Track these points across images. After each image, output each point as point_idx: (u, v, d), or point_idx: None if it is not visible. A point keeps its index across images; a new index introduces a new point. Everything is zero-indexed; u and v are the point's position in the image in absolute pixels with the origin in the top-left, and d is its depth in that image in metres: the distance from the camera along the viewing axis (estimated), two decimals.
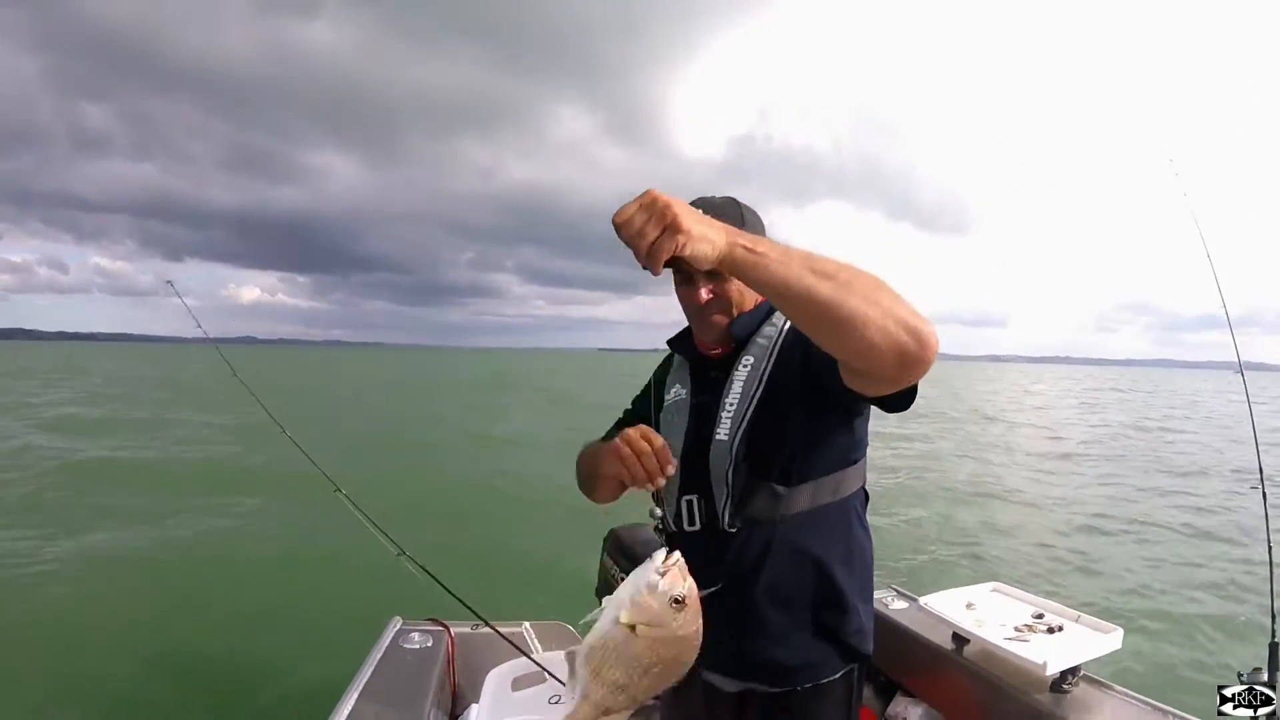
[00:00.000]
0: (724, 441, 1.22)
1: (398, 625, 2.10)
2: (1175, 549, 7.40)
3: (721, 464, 1.22)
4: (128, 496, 8.17)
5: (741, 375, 1.25)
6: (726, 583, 1.21)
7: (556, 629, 2.19)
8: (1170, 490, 10.56)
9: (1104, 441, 16.89)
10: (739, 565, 1.22)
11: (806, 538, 1.22)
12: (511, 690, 1.86)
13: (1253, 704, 1.35)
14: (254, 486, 8.69)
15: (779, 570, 1.21)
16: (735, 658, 1.25)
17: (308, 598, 5.01)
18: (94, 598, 4.93)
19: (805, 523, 1.22)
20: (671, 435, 1.29)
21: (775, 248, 0.87)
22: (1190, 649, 4.65)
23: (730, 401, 1.24)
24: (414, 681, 1.81)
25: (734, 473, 1.21)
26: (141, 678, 3.75)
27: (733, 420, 1.23)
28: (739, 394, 1.24)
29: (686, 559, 1.25)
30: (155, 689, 3.64)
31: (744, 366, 1.26)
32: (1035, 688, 1.76)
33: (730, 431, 1.22)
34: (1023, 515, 8.82)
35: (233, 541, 6.58)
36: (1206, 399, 38.06)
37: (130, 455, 11.25)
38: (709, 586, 1.22)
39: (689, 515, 1.27)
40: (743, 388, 1.24)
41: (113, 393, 23.84)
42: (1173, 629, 4.99)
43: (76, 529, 6.69)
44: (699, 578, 1.23)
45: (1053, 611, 2.00)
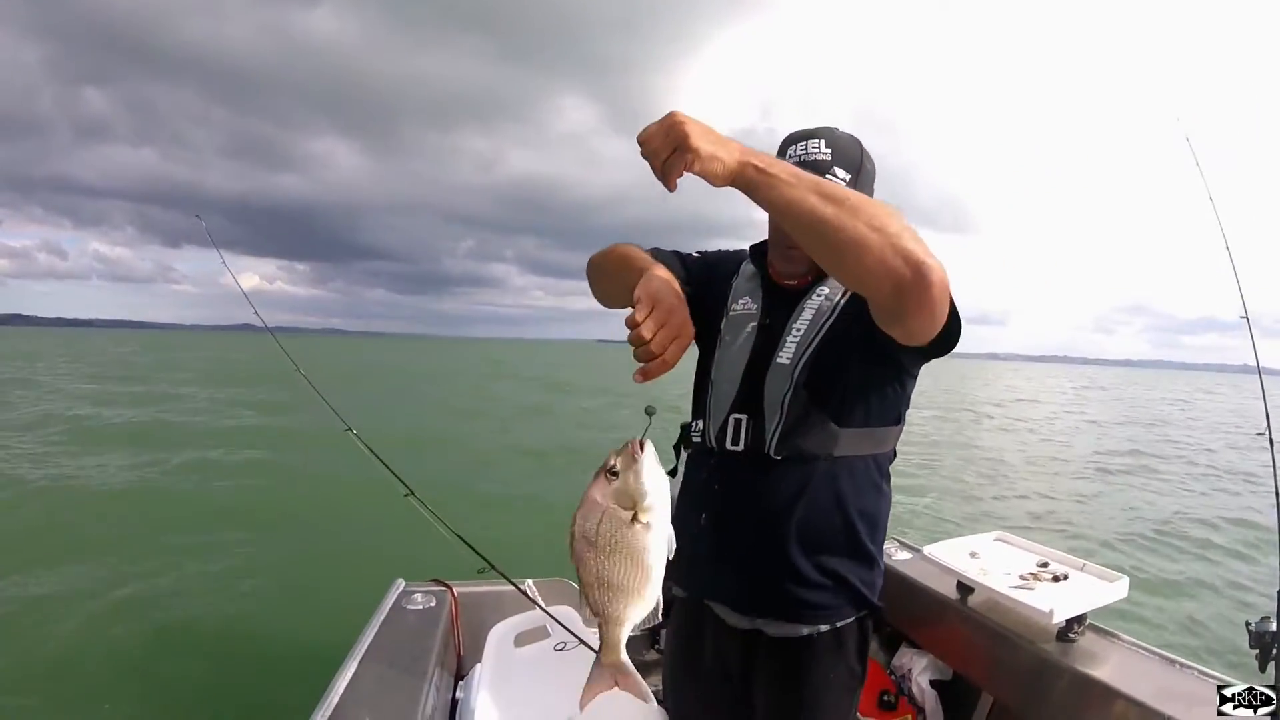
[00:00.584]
0: (785, 365, 1.21)
1: (401, 587, 2.09)
2: (1182, 500, 7.49)
3: (780, 388, 1.20)
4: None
5: (814, 303, 1.24)
6: (758, 512, 1.21)
7: (559, 585, 2.19)
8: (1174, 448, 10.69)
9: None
10: (774, 496, 1.20)
11: (844, 482, 1.21)
12: (515, 646, 1.86)
13: (1263, 659, 1.34)
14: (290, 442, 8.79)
15: (813, 509, 1.19)
16: (751, 592, 1.24)
17: (314, 557, 5.08)
18: (89, 555, 4.99)
19: (846, 467, 1.21)
20: (734, 349, 1.28)
21: (787, 169, 0.88)
22: (1197, 601, 4.69)
23: (798, 327, 1.22)
24: (418, 642, 1.80)
25: (791, 399, 1.19)
26: (141, 641, 3.81)
27: (798, 346, 1.21)
28: (808, 320, 1.22)
29: (714, 486, 1.22)
30: (157, 654, 3.69)
31: (818, 295, 1.24)
32: (1041, 636, 1.75)
33: (793, 357, 1.21)
34: (1025, 472, 8.93)
35: (244, 497, 6.66)
36: (1199, 399, 38.60)
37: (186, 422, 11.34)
38: (739, 511, 1.22)
39: (734, 433, 1.23)
40: (813, 316, 1.23)
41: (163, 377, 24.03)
42: (1179, 579, 5.04)
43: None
44: (731, 502, 1.22)
45: (1057, 560, 1.99)
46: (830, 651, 1.23)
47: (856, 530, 1.22)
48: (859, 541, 1.23)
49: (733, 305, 1.33)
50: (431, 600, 2.03)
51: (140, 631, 3.90)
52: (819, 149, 1.18)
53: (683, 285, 1.27)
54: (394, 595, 2.04)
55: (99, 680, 3.41)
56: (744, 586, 1.23)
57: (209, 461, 8.26)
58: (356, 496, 5.73)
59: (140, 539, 5.44)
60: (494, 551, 1.93)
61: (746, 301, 1.32)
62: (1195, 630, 4.17)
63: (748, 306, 1.31)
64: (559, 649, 1.86)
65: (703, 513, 1.26)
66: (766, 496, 1.20)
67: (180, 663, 3.58)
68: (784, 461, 1.19)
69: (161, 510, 6.26)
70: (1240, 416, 22.88)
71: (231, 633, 3.89)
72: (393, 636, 1.82)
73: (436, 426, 12.18)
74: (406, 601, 2.01)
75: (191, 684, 3.39)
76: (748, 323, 1.29)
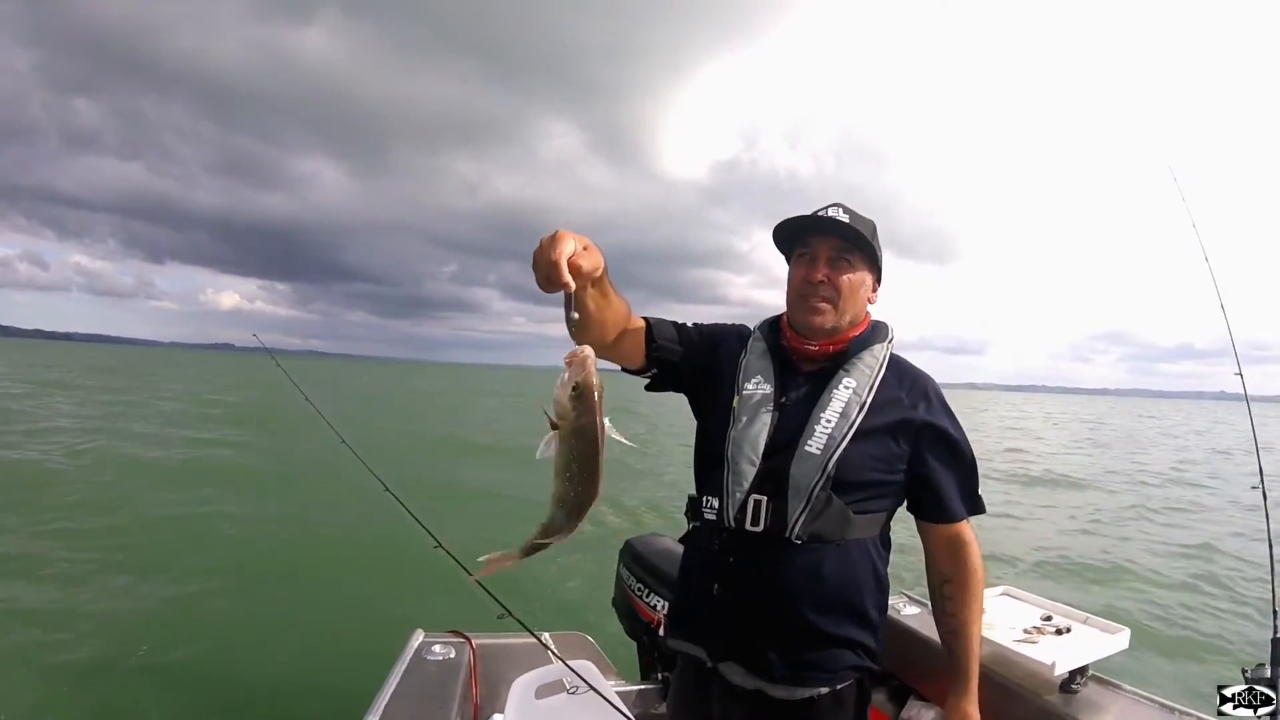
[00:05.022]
0: (815, 455, 1.25)
1: (420, 638, 2.14)
2: (1178, 548, 7.42)
3: (808, 476, 1.24)
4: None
5: (843, 395, 1.28)
6: (773, 590, 1.26)
7: (577, 639, 2.23)
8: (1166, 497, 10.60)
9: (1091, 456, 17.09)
10: (790, 576, 1.25)
11: (854, 560, 1.28)
12: (535, 698, 1.91)
13: (1253, 703, 1.39)
14: (310, 490, 8.79)
15: (824, 585, 1.26)
16: (758, 657, 1.29)
17: (335, 604, 5.05)
18: (100, 598, 4.95)
19: (857, 546, 1.28)
20: (752, 430, 1.31)
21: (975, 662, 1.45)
22: (1196, 649, 4.66)
23: (827, 417, 1.27)
24: (438, 693, 1.85)
25: (819, 489, 1.24)
26: (154, 692, 3.76)
27: (830, 439, 1.25)
28: (839, 413, 1.27)
29: (728, 559, 1.31)
30: (173, 707, 3.65)
31: (845, 386, 1.29)
32: (1045, 689, 1.79)
33: (824, 448, 1.25)
34: (1026, 522, 8.83)
35: (268, 542, 6.64)
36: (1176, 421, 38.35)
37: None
38: (757, 592, 1.28)
39: (754, 514, 1.27)
40: (844, 408, 1.27)
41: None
42: (1179, 630, 5.00)
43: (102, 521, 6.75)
44: (746, 577, 1.29)
45: (1060, 613, 2.04)
46: (830, 712, 1.30)
47: (862, 601, 1.30)
48: (863, 610, 1.31)
49: (745, 384, 1.36)
50: (450, 651, 2.08)
51: (153, 682, 3.85)
52: (838, 213, 1.30)
53: (678, 355, 1.37)
54: (414, 645, 2.09)
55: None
56: (753, 652, 1.29)
57: (213, 502, 8.18)
58: (377, 545, 5.77)
59: (149, 584, 5.41)
60: (508, 601, 1.98)
61: (759, 380, 1.36)
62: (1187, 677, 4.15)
63: (761, 385, 1.35)
64: (573, 692, 1.90)
65: (715, 583, 1.32)
66: (782, 576, 1.26)
67: (199, 714, 3.56)
68: (802, 544, 1.25)
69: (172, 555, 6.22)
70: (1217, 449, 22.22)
71: (250, 683, 3.86)
72: (413, 687, 1.86)
73: (450, 468, 11.95)
74: (426, 652, 2.06)
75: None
76: (765, 402, 1.33)
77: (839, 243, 1.30)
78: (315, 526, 7.21)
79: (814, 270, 1.30)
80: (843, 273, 1.30)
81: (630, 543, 2.51)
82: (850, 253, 1.31)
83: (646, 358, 1.35)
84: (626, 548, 2.52)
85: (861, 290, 1.34)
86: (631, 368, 1.36)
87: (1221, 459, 18.00)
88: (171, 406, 20.40)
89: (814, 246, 1.31)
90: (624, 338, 1.29)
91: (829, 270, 1.30)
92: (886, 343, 1.36)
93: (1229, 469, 14.89)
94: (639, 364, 1.35)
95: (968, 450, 1.35)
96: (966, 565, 1.36)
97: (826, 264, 1.30)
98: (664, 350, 1.36)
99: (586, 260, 0.98)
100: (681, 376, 1.42)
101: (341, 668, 3.75)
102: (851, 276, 1.31)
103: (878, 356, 1.33)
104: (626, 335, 1.29)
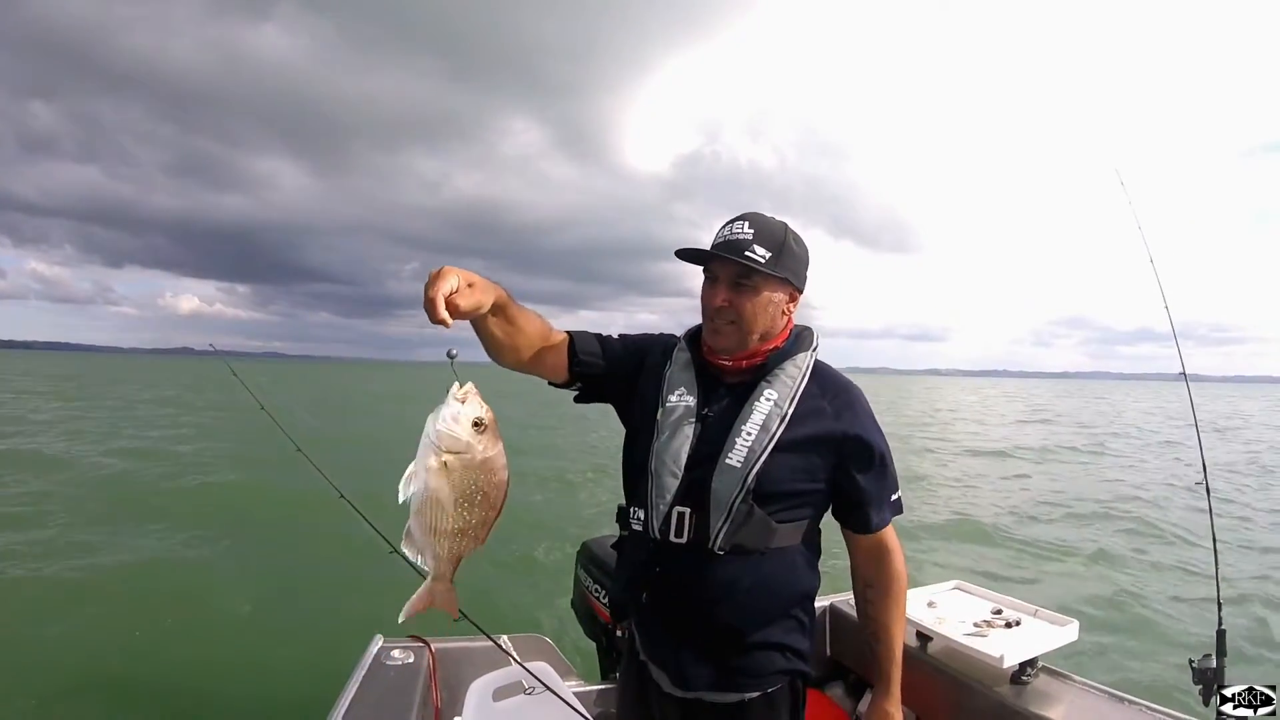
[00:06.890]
0: (736, 469, 1.24)
1: (379, 643, 2.12)
2: (1127, 542, 7.62)
3: (729, 489, 1.24)
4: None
5: (763, 407, 1.28)
6: (698, 600, 1.28)
7: (536, 641, 2.23)
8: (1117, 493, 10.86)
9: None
10: (714, 586, 1.26)
11: (778, 569, 1.29)
12: (493, 700, 1.90)
13: (1253, 703, 1.46)
14: (266, 508, 8.57)
15: (748, 595, 1.27)
16: (686, 669, 1.31)
17: (292, 611, 4.96)
18: (66, 610, 4.79)
19: (781, 554, 1.29)
20: (674, 442, 1.30)
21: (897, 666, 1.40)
22: (1144, 640, 4.80)
23: (748, 430, 1.26)
24: (397, 699, 1.83)
25: (740, 501, 1.24)
26: (115, 701, 3.67)
27: (750, 451, 1.25)
28: (759, 425, 1.26)
29: (655, 569, 1.32)
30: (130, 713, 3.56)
31: (766, 399, 1.28)
32: (996, 680, 1.84)
33: (745, 461, 1.24)
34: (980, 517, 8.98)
35: (214, 562, 6.47)
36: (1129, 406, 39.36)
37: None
38: (683, 602, 1.30)
39: (678, 526, 1.28)
40: (764, 420, 1.26)
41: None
42: (1127, 621, 5.15)
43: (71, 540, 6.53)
44: (671, 587, 1.31)
45: (1011, 607, 2.09)
46: (762, 714, 1.32)
47: (788, 608, 1.32)
48: (790, 615, 1.33)
49: (669, 396, 1.35)
50: (410, 656, 2.06)
51: (115, 691, 3.75)
52: (742, 229, 1.26)
53: (602, 369, 1.38)
54: (373, 651, 2.07)
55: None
56: (681, 663, 1.31)
57: (168, 507, 7.97)
58: (335, 551, 5.67)
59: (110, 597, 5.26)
60: (468, 604, 1.97)
61: (682, 392, 1.35)
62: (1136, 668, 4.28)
63: (684, 398, 1.34)
64: (530, 692, 1.89)
65: (643, 592, 1.35)
66: (706, 587, 1.27)
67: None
68: (725, 555, 1.26)
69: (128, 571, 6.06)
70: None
71: (206, 694, 3.76)
72: (373, 692, 1.84)
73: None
74: (385, 657, 2.04)
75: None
76: (687, 415, 1.32)
77: (740, 267, 1.26)
78: (270, 534, 7.06)
79: (714, 296, 1.29)
80: (745, 297, 1.27)
81: (587, 544, 2.51)
82: (750, 275, 1.27)
83: (569, 372, 1.35)
84: (584, 549, 2.52)
85: (769, 308, 1.30)
86: (556, 381, 1.37)
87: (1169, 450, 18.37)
88: (140, 413, 19.70)
89: (714, 270, 1.30)
90: (544, 354, 1.30)
91: (731, 294, 1.28)
92: (810, 351, 1.36)
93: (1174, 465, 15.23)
94: (563, 378, 1.36)
95: (889, 459, 1.36)
96: (889, 571, 1.38)
97: (728, 288, 1.28)
98: (586, 365, 1.36)
99: (465, 299, 1.02)
100: (606, 389, 1.43)
101: (301, 675, 3.68)
102: (755, 300, 1.28)
103: (800, 366, 1.32)
104: (547, 352, 1.30)
